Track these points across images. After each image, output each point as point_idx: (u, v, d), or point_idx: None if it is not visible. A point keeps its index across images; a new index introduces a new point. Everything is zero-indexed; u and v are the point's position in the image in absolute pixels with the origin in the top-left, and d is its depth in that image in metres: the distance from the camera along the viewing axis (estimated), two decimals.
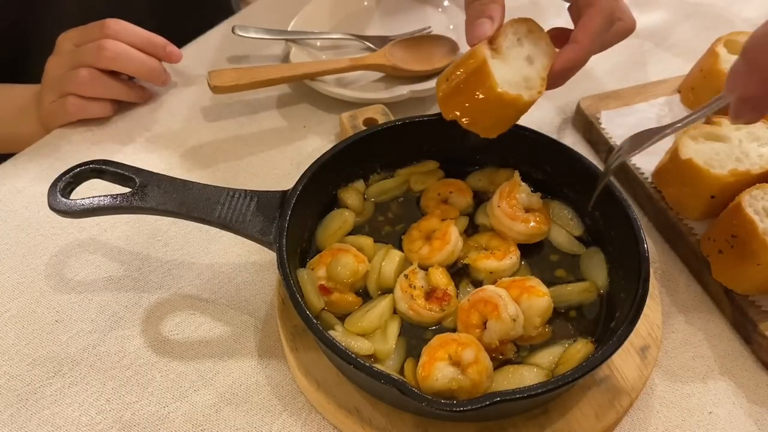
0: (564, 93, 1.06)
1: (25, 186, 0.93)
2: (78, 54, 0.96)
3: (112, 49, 0.95)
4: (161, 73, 1.02)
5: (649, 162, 0.90)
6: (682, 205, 0.84)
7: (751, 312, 0.75)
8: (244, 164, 0.97)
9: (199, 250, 0.86)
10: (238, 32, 1.07)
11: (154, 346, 0.77)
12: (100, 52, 0.94)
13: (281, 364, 0.75)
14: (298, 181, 0.74)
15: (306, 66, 1.02)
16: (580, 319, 0.72)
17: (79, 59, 0.95)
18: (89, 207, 0.70)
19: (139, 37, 0.99)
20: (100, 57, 0.94)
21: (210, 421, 0.71)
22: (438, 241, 0.76)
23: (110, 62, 0.95)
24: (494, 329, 0.67)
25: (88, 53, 0.95)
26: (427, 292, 0.72)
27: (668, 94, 1.00)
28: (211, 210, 0.71)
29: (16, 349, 0.76)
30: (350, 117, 0.96)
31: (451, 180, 0.83)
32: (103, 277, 0.83)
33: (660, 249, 0.86)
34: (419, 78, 1.06)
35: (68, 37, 0.99)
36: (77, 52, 0.96)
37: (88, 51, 0.95)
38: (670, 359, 0.76)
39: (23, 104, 1.02)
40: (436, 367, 0.64)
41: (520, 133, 0.79)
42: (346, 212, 0.80)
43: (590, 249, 0.77)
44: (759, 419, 0.72)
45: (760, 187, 0.76)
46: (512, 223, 0.76)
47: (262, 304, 0.81)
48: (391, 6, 1.21)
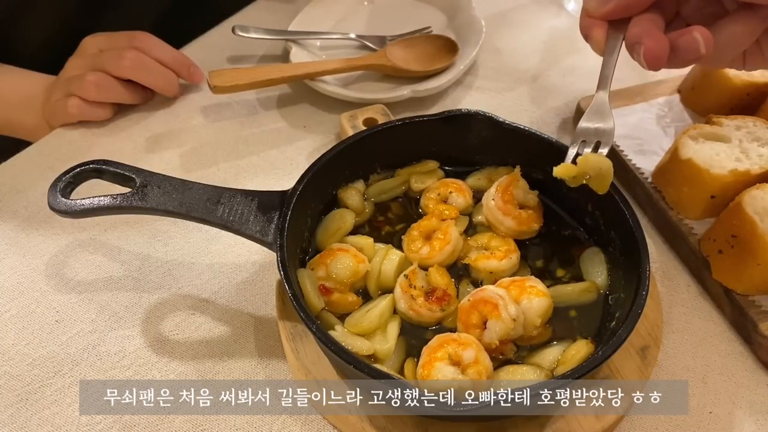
0: (564, 93, 1.07)
1: (25, 186, 0.93)
2: (98, 59, 0.97)
3: (132, 59, 0.96)
4: (175, 85, 1.03)
5: (649, 162, 0.90)
6: (682, 205, 0.84)
7: (751, 312, 0.75)
8: (244, 164, 0.97)
9: (199, 250, 0.86)
10: (238, 32, 1.07)
11: (154, 346, 0.77)
12: (120, 60, 0.96)
13: (281, 364, 0.75)
14: (298, 181, 0.74)
15: (306, 66, 1.02)
16: (580, 319, 0.72)
17: (98, 64, 0.96)
18: (89, 207, 0.70)
19: (165, 54, 1.00)
20: (119, 65, 0.96)
21: (210, 421, 0.71)
22: (438, 241, 0.76)
23: (127, 71, 0.96)
24: (494, 329, 0.67)
25: (108, 59, 0.96)
26: (427, 292, 0.72)
27: (668, 94, 1.00)
28: (211, 210, 0.71)
29: (16, 349, 0.76)
30: (350, 117, 0.96)
31: (451, 180, 0.83)
32: (103, 277, 0.83)
33: (660, 249, 0.86)
34: (419, 78, 1.06)
35: (94, 42, 1.00)
36: (98, 56, 0.97)
37: (108, 57, 0.96)
38: (670, 359, 0.76)
39: (31, 92, 1.02)
40: (436, 367, 0.64)
41: (520, 133, 0.79)
42: (346, 212, 0.80)
43: (590, 249, 0.77)
44: (759, 419, 0.72)
45: (760, 187, 0.76)
46: (504, 217, 0.76)
47: (262, 304, 0.81)
48: (391, 6, 1.21)
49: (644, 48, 0.62)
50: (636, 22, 0.64)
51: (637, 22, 0.64)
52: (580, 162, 0.69)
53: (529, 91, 1.09)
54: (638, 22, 0.64)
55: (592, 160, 0.69)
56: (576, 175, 0.69)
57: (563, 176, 0.70)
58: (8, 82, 1.03)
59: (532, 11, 1.24)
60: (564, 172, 0.70)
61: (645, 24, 0.63)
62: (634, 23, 0.64)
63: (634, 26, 0.64)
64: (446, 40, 1.09)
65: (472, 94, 1.08)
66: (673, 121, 0.96)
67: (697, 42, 0.61)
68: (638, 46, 0.62)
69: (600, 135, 0.70)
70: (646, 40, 0.62)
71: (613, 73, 0.68)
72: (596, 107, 0.70)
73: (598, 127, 0.70)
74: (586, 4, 0.67)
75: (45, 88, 1.02)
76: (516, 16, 1.23)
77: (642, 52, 0.62)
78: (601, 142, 0.70)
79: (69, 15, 1.07)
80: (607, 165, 0.69)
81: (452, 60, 1.07)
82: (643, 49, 0.62)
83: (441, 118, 0.81)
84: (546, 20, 1.22)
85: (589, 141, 0.70)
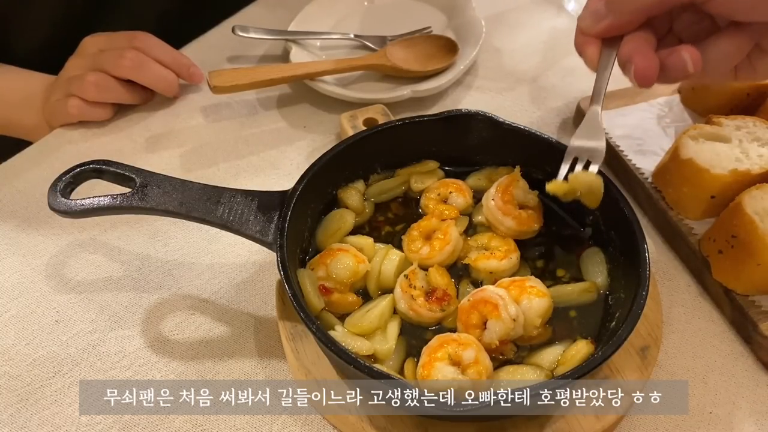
0: (564, 93, 1.07)
1: (25, 186, 0.93)
2: (98, 59, 0.97)
3: (132, 59, 0.96)
4: (175, 85, 1.03)
5: (649, 162, 0.90)
6: (682, 205, 0.84)
7: (751, 312, 0.75)
8: (244, 164, 0.97)
9: (199, 250, 0.86)
10: (238, 32, 1.07)
11: (154, 346, 0.77)
12: (119, 60, 0.95)
13: (281, 364, 0.75)
14: (298, 181, 0.74)
15: (306, 66, 1.02)
16: (580, 319, 0.72)
17: (98, 64, 0.96)
18: (89, 207, 0.70)
19: (165, 54, 1.00)
20: (119, 65, 0.96)
21: (210, 421, 0.71)
22: (438, 241, 0.76)
23: (127, 71, 0.96)
24: (494, 329, 0.67)
25: (107, 59, 0.96)
26: (427, 292, 0.72)
27: (668, 94, 1.00)
28: (211, 210, 0.71)
29: (16, 349, 0.76)
30: (350, 117, 0.96)
31: (451, 180, 0.83)
32: (103, 277, 0.83)
33: (660, 249, 0.86)
34: (419, 78, 1.06)
35: (94, 42, 1.00)
36: (98, 56, 0.97)
37: (108, 57, 0.96)
38: (670, 359, 0.76)
39: (30, 92, 1.02)
40: (436, 367, 0.64)
41: (520, 133, 0.79)
42: (346, 212, 0.80)
43: (590, 249, 0.77)
44: (759, 419, 0.72)
45: (760, 187, 0.76)
46: (504, 217, 0.76)
47: (262, 304, 0.81)
48: (391, 6, 1.21)
49: (635, 67, 0.63)
50: (628, 40, 0.65)
51: (629, 40, 0.65)
52: (570, 179, 0.71)
53: (529, 91, 1.09)
54: (630, 41, 0.65)
55: (582, 178, 0.71)
56: (567, 192, 0.71)
57: (554, 193, 0.72)
58: (7, 82, 1.03)
59: (532, 11, 1.24)
60: (555, 189, 0.72)
61: (636, 42, 0.65)
62: (626, 41, 0.65)
63: (626, 44, 0.65)
64: (446, 40, 1.09)
65: (472, 94, 1.08)
66: (673, 121, 0.96)
67: (685, 62, 0.63)
68: (629, 65, 0.64)
69: (591, 153, 0.71)
70: (636, 58, 0.63)
71: (606, 87, 0.69)
72: (588, 122, 0.71)
73: (588, 146, 0.71)
74: (580, 22, 0.68)
75: (44, 88, 1.02)
76: (516, 16, 1.23)
77: (632, 71, 0.64)
78: (592, 161, 0.71)
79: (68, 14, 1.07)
80: (597, 183, 0.71)
81: (452, 60, 1.07)
82: (634, 67, 0.63)
83: (441, 118, 0.81)
84: (546, 20, 1.22)
85: (581, 158, 0.72)
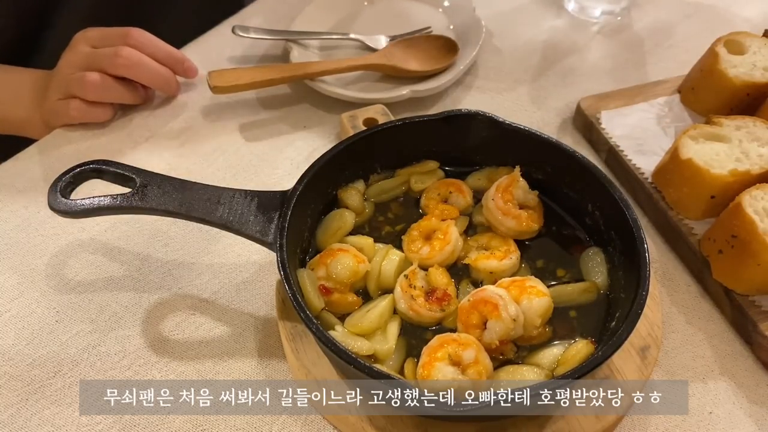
0: (564, 93, 1.07)
1: (25, 186, 0.93)
2: (94, 57, 0.96)
3: (127, 57, 0.95)
4: (174, 83, 1.03)
5: (649, 162, 0.90)
6: (682, 205, 0.84)
7: (751, 312, 0.75)
8: (243, 164, 0.97)
9: (199, 250, 0.86)
10: (238, 32, 1.07)
11: (154, 346, 0.77)
12: (115, 58, 0.95)
13: (281, 364, 0.75)
14: (298, 181, 0.74)
15: (306, 66, 1.02)
16: (580, 319, 0.72)
17: (94, 62, 0.96)
18: (89, 207, 0.70)
19: (159, 50, 1.00)
20: (115, 63, 0.95)
21: (210, 421, 0.71)
22: (438, 241, 0.76)
23: (124, 69, 0.96)
24: (494, 329, 0.67)
25: (103, 58, 0.95)
26: (427, 292, 0.72)
27: (668, 94, 1.00)
28: (211, 210, 0.71)
29: (16, 349, 0.76)
30: (350, 117, 0.96)
31: (451, 180, 0.83)
32: (103, 277, 0.83)
33: (660, 249, 0.86)
34: (419, 78, 1.06)
35: (87, 37, 0.98)
36: (93, 54, 0.96)
37: (104, 55, 0.95)
38: (670, 359, 0.76)
39: (18, 88, 1.02)
40: (436, 367, 0.64)
41: (520, 133, 0.79)
42: (346, 212, 0.79)
43: (590, 249, 0.77)
44: (759, 419, 0.72)
45: (760, 187, 0.76)
46: (504, 218, 0.76)
47: (262, 304, 0.81)
48: (391, 6, 1.21)
49: None
50: None
51: None
52: None
53: (529, 91, 1.09)
54: None
55: None
56: None
57: None
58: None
59: (532, 11, 1.24)
60: None
61: None
62: None
63: None
64: (446, 40, 1.09)
65: (472, 94, 1.08)
66: (673, 121, 0.96)
67: None
68: None
69: None
70: None
71: None
72: None
73: None
74: None
75: (33, 82, 1.00)
76: (516, 16, 1.23)
77: None
78: None
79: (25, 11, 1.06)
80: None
81: (452, 60, 1.07)
82: None
83: (441, 118, 0.81)
84: (546, 20, 1.22)
85: None
